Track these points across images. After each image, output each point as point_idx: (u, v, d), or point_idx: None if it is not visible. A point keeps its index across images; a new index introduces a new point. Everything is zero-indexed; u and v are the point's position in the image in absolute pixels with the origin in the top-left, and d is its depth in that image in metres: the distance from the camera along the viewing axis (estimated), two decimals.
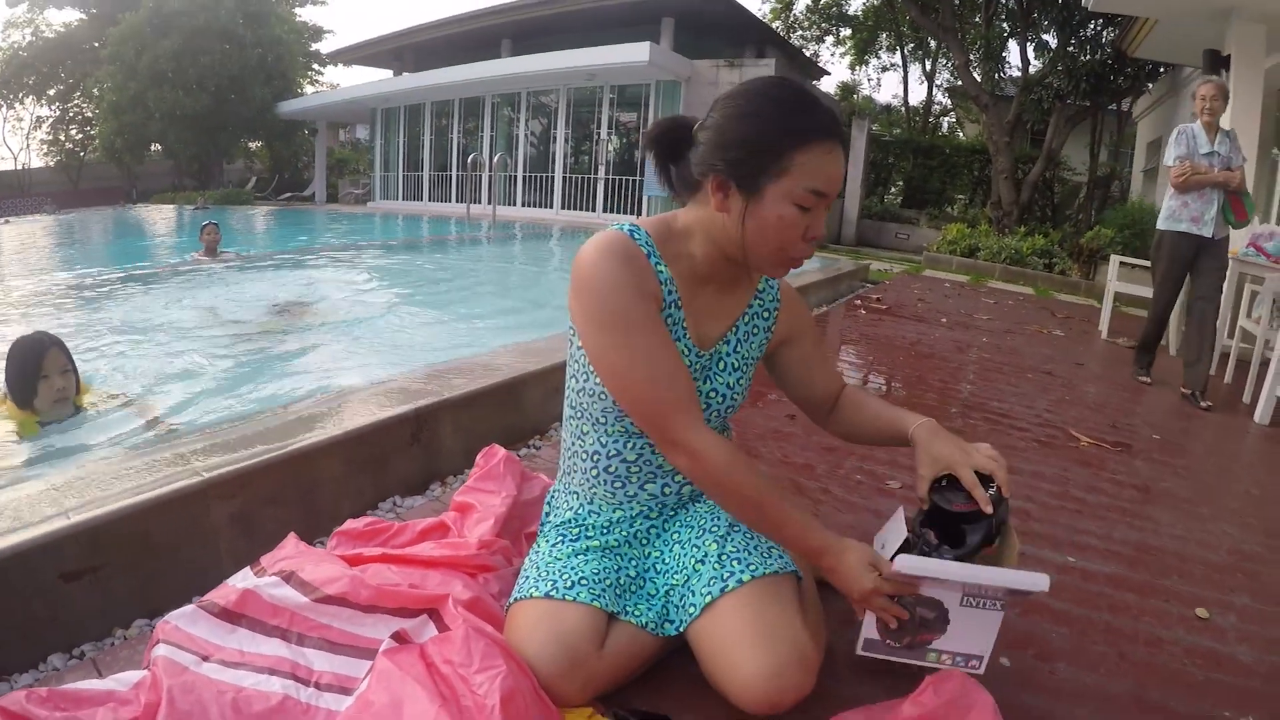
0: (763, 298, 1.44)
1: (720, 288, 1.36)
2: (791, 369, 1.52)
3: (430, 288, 6.73)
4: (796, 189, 1.14)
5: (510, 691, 1.02)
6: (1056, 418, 3.33)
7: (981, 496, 1.24)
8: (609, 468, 1.37)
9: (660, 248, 1.28)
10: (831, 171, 1.16)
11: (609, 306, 1.19)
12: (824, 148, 1.15)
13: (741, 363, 1.40)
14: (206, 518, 1.61)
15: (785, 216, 1.16)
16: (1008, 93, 14.78)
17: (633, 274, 1.21)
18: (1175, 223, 4.07)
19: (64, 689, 1.01)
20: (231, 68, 20.60)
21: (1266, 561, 2.08)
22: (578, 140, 16.12)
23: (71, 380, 2.64)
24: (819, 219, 1.19)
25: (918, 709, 1.20)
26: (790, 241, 1.18)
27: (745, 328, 1.41)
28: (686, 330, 1.31)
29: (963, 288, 8.22)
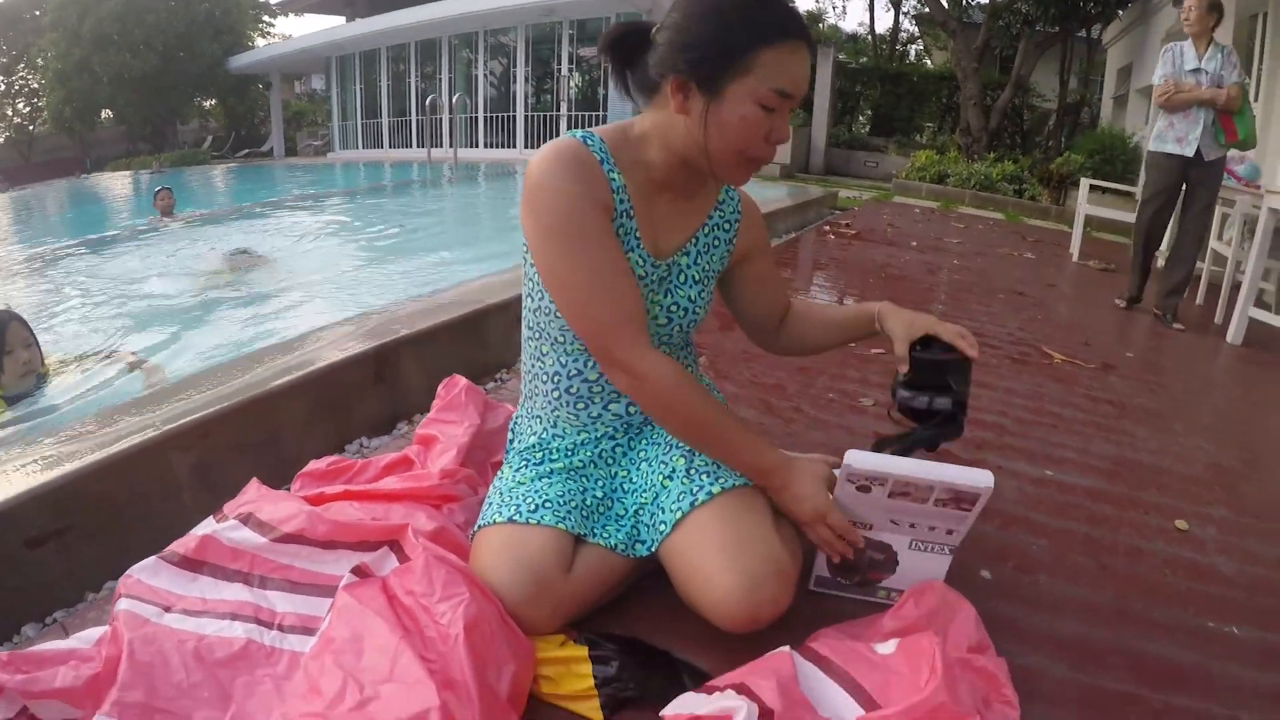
0: (723, 209, 1.39)
1: (678, 196, 1.31)
2: (746, 286, 1.47)
3: (392, 231, 6.61)
4: (760, 88, 1.10)
5: (474, 619, 0.98)
6: (1029, 336, 3.33)
7: (965, 344, 1.26)
8: (570, 389, 1.32)
9: (615, 154, 1.23)
10: (796, 71, 1.12)
11: (556, 216, 1.15)
12: (788, 47, 1.11)
13: (703, 275, 1.35)
14: (169, 471, 1.55)
15: (748, 117, 1.12)
16: (976, 19, 14.56)
17: (583, 182, 1.16)
18: (1161, 143, 3.95)
19: (25, 651, 0.97)
20: (178, 24, 19.84)
21: (1243, 476, 2.09)
22: (539, 79, 15.76)
23: (35, 353, 2.60)
24: (783, 120, 1.15)
25: (898, 621, 1.20)
26: (752, 143, 1.14)
27: (706, 239, 1.36)
28: (640, 240, 1.26)
29: (932, 213, 8.19)
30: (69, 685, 0.93)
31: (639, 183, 1.25)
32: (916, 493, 1.20)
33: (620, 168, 1.23)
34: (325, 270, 4.78)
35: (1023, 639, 1.28)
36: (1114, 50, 13.23)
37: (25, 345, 2.55)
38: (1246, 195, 4.06)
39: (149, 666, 0.96)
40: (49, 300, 4.11)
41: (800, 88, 1.13)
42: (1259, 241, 3.50)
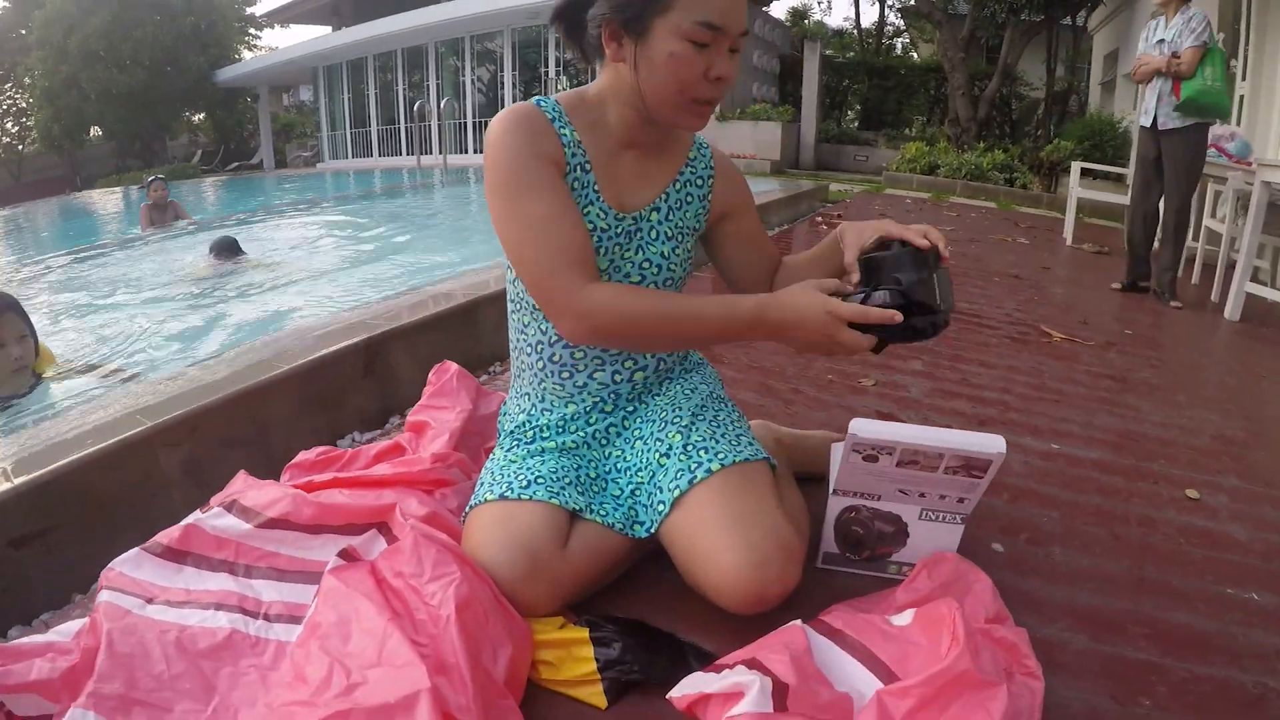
0: (694, 165, 1.35)
1: (644, 153, 1.28)
2: (733, 245, 1.41)
3: (383, 233, 6.57)
4: (684, 22, 1.08)
5: (466, 598, 0.94)
6: (1027, 316, 3.30)
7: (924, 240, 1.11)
8: (554, 356, 1.29)
9: (571, 115, 1.23)
10: (719, 4, 1.09)
11: (500, 171, 1.15)
12: None
13: (676, 231, 1.31)
14: (156, 467, 1.51)
15: (677, 53, 1.10)
16: (961, 10, 14.54)
17: (527, 138, 1.16)
18: (1137, 118, 3.96)
19: (1, 645, 0.92)
20: (165, 39, 19.73)
21: (1250, 445, 2.05)
22: (526, 83, 15.70)
23: (30, 347, 2.41)
24: (721, 58, 1.12)
25: (912, 594, 1.16)
26: (689, 82, 1.12)
27: (677, 195, 1.32)
28: (599, 194, 1.23)
29: (924, 204, 8.16)
30: (45, 678, 0.89)
31: (601, 141, 1.24)
32: (926, 461, 1.17)
33: (578, 127, 1.22)
34: (316, 270, 4.74)
35: (1040, 611, 1.24)
36: (1099, 36, 13.23)
37: (19, 338, 2.37)
38: (1238, 172, 4.03)
39: (128, 657, 0.92)
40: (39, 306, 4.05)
41: (729, 19, 1.10)
42: (1253, 217, 3.46)
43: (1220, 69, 3.64)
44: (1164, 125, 3.81)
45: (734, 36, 1.12)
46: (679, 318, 1.11)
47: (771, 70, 15.57)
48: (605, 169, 1.25)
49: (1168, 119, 3.78)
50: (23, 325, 2.38)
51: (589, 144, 1.23)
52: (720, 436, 1.25)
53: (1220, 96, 3.66)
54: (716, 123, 12.65)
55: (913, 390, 2.27)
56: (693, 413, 1.30)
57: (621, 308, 1.10)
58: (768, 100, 14.43)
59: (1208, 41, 3.62)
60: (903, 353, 2.60)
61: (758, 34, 14.61)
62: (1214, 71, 3.62)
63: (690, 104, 1.15)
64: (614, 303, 1.10)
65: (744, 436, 1.28)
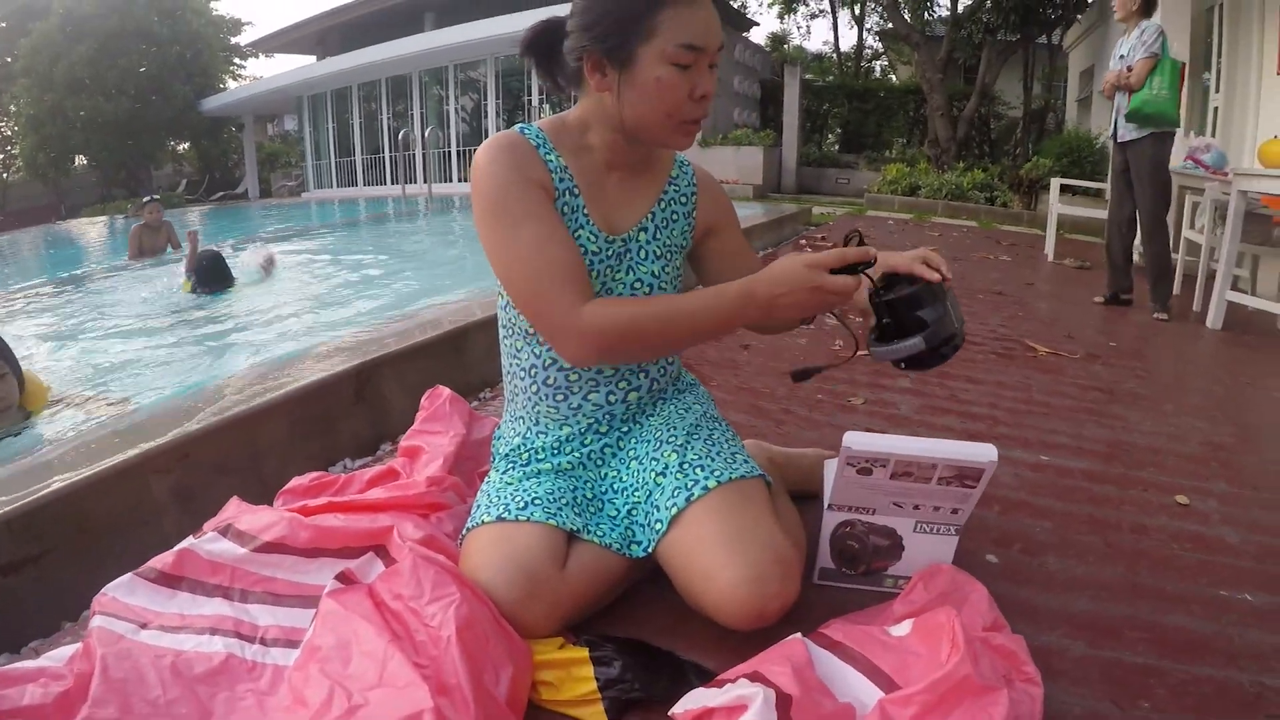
0: (678, 183, 1.37)
1: (628, 174, 1.30)
2: (718, 260, 1.43)
3: (370, 261, 6.59)
4: (668, 47, 1.11)
5: (467, 619, 0.94)
6: (1012, 332, 3.33)
7: (926, 270, 1.12)
8: (548, 380, 1.30)
9: (554, 140, 1.25)
10: (700, 23, 1.13)
11: (488, 197, 1.16)
12: (678, 7, 1.12)
13: (664, 250, 1.33)
14: (148, 494, 1.50)
15: (663, 78, 1.12)
16: (938, 32, 14.79)
17: (513, 164, 1.17)
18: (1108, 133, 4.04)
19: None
20: (150, 68, 19.86)
21: (1238, 450, 2.07)
22: (509, 111, 15.79)
23: (11, 385, 2.29)
24: (703, 76, 1.15)
25: (909, 606, 1.16)
26: (676, 104, 1.14)
27: (663, 214, 1.34)
28: (589, 217, 1.25)
29: (906, 224, 8.24)
30: (37, 703, 0.87)
31: (586, 165, 1.26)
32: (919, 472, 1.18)
33: (561, 152, 1.24)
34: (305, 296, 4.73)
35: (1036, 619, 1.25)
36: (1075, 54, 13.47)
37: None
38: (1215, 183, 4.09)
39: (123, 683, 0.90)
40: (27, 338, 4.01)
41: (709, 38, 1.13)
42: (1230, 226, 3.51)
43: (1169, 79, 3.71)
44: (1123, 137, 3.91)
45: (713, 54, 1.15)
46: (675, 315, 1.11)
47: (752, 95, 15.75)
48: (592, 192, 1.26)
49: (1126, 131, 3.89)
50: (1, 362, 2.27)
51: (575, 168, 1.24)
52: (716, 454, 1.26)
53: (1166, 105, 3.71)
54: (699, 148, 12.77)
55: (902, 407, 2.28)
56: (688, 431, 1.30)
57: (619, 319, 1.10)
58: (749, 125, 14.61)
59: (1158, 53, 3.71)
60: (891, 371, 2.60)
61: (738, 59, 14.80)
62: (1161, 81, 3.70)
63: (679, 125, 1.17)
64: (611, 316, 1.10)
65: (739, 454, 1.29)
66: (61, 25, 19.13)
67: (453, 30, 14.72)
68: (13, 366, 2.31)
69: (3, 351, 2.29)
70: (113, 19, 19.22)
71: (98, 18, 19.15)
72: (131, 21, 19.49)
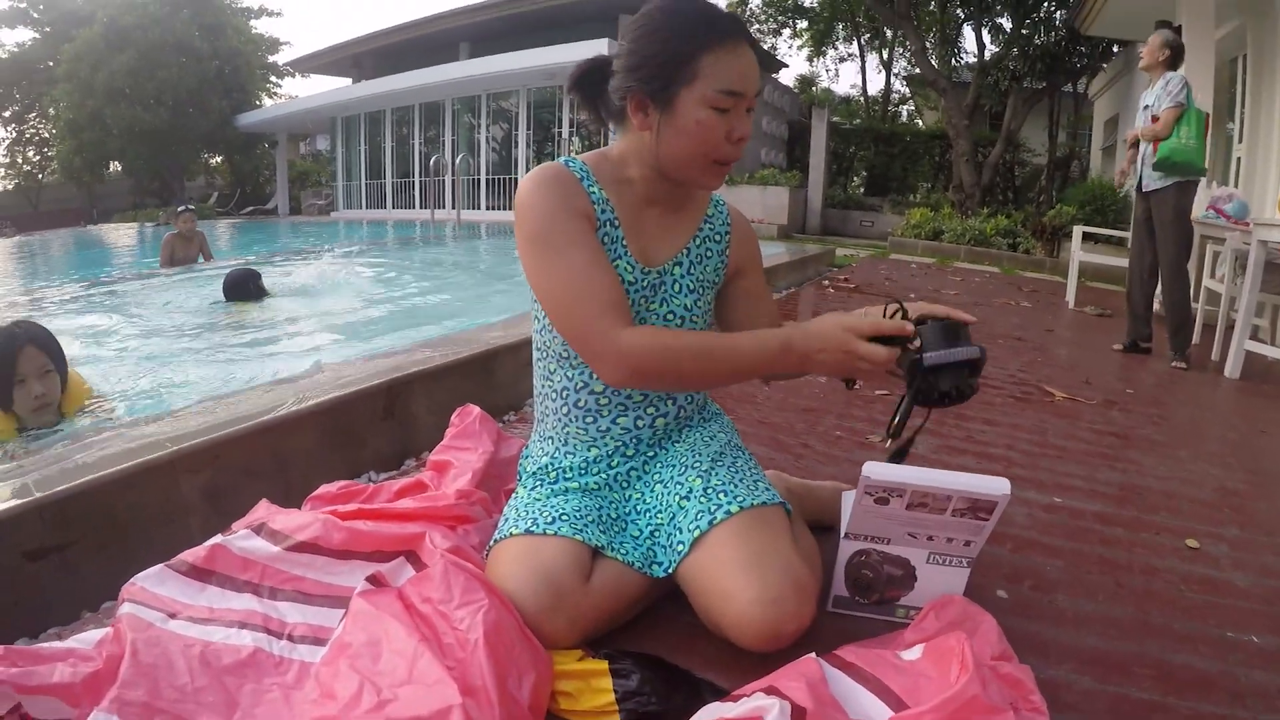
0: (713, 221, 1.43)
1: (666, 210, 1.36)
2: (740, 301, 1.47)
3: (398, 280, 6.67)
4: (709, 91, 1.17)
5: (494, 624, 0.97)
6: (1030, 376, 3.34)
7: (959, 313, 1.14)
8: (578, 402, 1.34)
9: (596, 174, 1.31)
10: (740, 69, 1.18)
11: (534, 226, 1.21)
12: (728, 47, 1.18)
13: (697, 284, 1.38)
14: (176, 492, 1.54)
15: (703, 121, 1.18)
16: (965, 78, 14.94)
17: (559, 194, 1.23)
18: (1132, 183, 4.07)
19: (21, 648, 0.95)
20: (189, 81, 20.32)
21: (1252, 496, 2.08)
22: (540, 143, 16.03)
23: (55, 383, 2.25)
24: (740, 119, 1.21)
25: (920, 634, 1.18)
26: (714, 145, 1.20)
27: (698, 250, 1.39)
28: (627, 248, 1.31)
29: (929, 268, 8.27)
30: (66, 681, 0.91)
31: (626, 199, 1.31)
32: (934, 503, 1.20)
33: (604, 185, 1.30)
34: (337, 313, 4.81)
35: (1046, 653, 1.26)
36: (1100, 103, 13.53)
37: (40, 374, 2.21)
38: (1236, 232, 4.10)
39: (152, 667, 0.94)
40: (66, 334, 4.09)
41: (748, 84, 1.19)
42: (1250, 275, 3.53)
43: (1196, 128, 3.73)
44: (1147, 186, 3.94)
45: (751, 98, 1.20)
46: (712, 351, 1.15)
47: (780, 136, 15.91)
48: (631, 225, 1.32)
49: (1150, 180, 3.91)
50: (45, 359, 2.23)
51: (615, 201, 1.30)
52: (739, 481, 1.29)
53: (1193, 155, 3.74)
54: (726, 186, 12.86)
55: (919, 447, 2.29)
56: (712, 458, 1.34)
57: (659, 348, 1.14)
58: (776, 165, 14.74)
59: (1183, 103, 3.74)
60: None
61: (767, 100, 14.96)
62: (1189, 130, 3.72)
63: (712, 165, 1.23)
64: (652, 343, 1.14)
65: (761, 482, 1.33)
66: (104, 34, 19.66)
67: (487, 60, 15.00)
68: (59, 365, 2.29)
69: (51, 349, 2.27)
70: (154, 31, 19.76)
71: (140, 29, 19.69)
72: (173, 35, 20.02)
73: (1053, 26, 12.46)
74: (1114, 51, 11.76)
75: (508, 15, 16.00)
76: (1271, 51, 5.73)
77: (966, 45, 16.00)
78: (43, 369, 2.23)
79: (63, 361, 2.30)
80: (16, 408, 2.21)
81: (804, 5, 20.20)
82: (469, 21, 16.89)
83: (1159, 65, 3.89)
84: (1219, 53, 5.99)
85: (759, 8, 20.55)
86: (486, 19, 16.50)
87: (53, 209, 24.52)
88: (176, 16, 20.28)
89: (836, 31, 21.30)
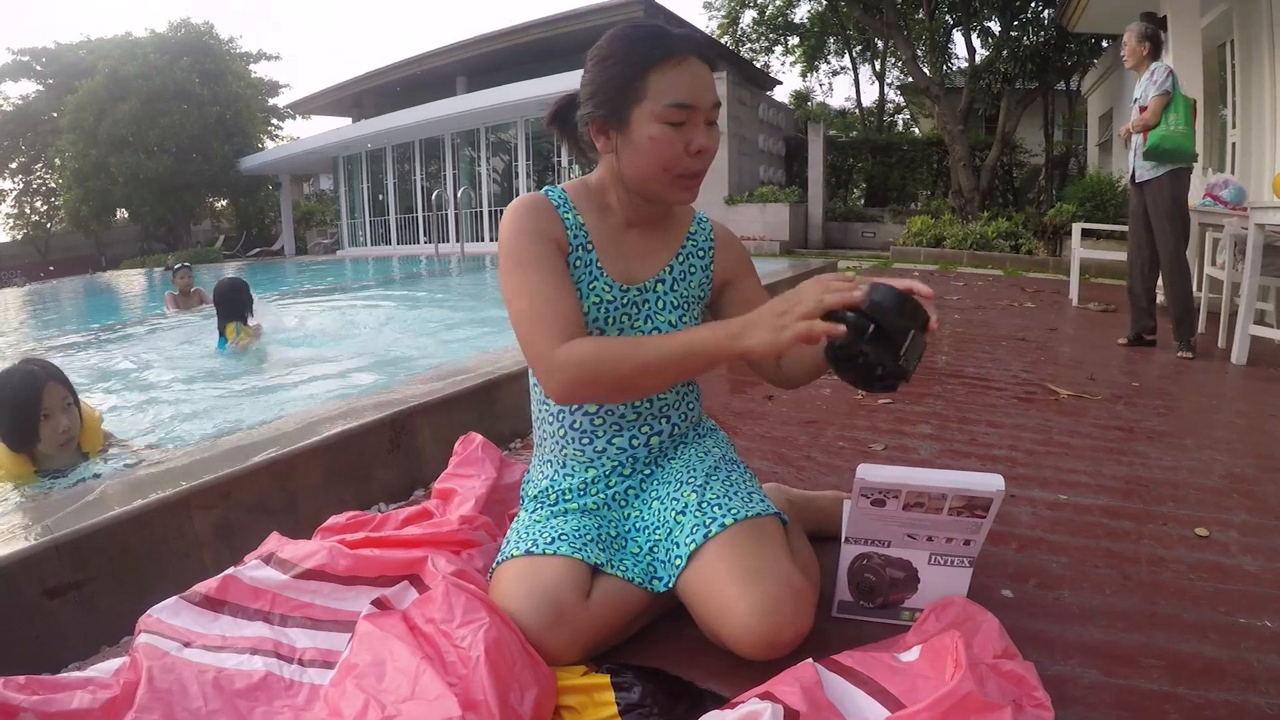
0: (695, 238, 1.46)
1: (647, 230, 1.40)
2: (737, 310, 1.43)
3: (404, 314, 6.74)
4: (658, 107, 1.19)
5: (495, 642, 0.99)
6: (1034, 376, 3.34)
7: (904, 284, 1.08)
8: (574, 424, 1.37)
9: (576, 201, 1.36)
10: (687, 82, 1.20)
11: (506, 250, 1.26)
12: (673, 63, 1.20)
13: (682, 301, 1.41)
14: (190, 528, 1.57)
15: (656, 136, 1.20)
16: (958, 84, 15.01)
17: (531, 220, 1.28)
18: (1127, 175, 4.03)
19: (42, 677, 0.98)
20: (191, 127, 20.70)
21: (1260, 481, 2.08)
22: (540, 173, 16.20)
23: (76, 416, 2.29)
24: (697, 131, 1.23)
25: (921, 636, 1.19)
26: (672, 160, 1.22)
27: (680, 267, 1.42)
28: (604, 269, 1.34)
29: (932, 275, 8.28)
30: (86, 707, 0.94)
31: (607, 223, 1.36)
32: (930, 503, 1.22)
33: (582, 211, 1.35)
34: (341, 348, 4.87)
35: (1051, 649, 1.27)
36: (1094, 99, 13.59)
37: (64, 407, 2.23)
38: (1234, 218, 4.09)
39: (167, 693, 0.97)
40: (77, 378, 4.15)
41: (697, 96, 1.21)
42: (1250, 260, 3.52)
43: (1184, 114, 3.74)
44: (1140, 177, 3.94)
45: (706, 110, 1.22)
46: (644, 342, 1.14)
47: (777, 153, 15.98)
48: (609, 247, 1.36)
49: (1143, 171, 3.91)
50: (65, 393, 2.26)
51: (592, 226, 1.35)
52: (733, 494, 1.31)
53: (1183, 140, 3.74)
54: (725, 206, 12.98)
55: (922, 452, 2.31)
56: (706, 473, 1.36)
57: (590, 356, 1.13)
58: (775, 182, 14.80)
59: (1169, 90, 3.75)
60: (912, 417, 2.66)
61: (762, 118, 15.05)
62: (1177, 117, 3.73)
63: (676, 179, 1.25)
64: (583, 353, 1.14)
65: (755, 494, 1.34)
66: (106, 84, 20.11)
67: (484, 94, 15.20)
68: (74, 395, 2.32)
69: (68, 383, 2.30)
70: (155, 79, 20.18)
71: (141, 78, 20.11)
72: (173, 82, 20.45)
73: (1041, 26, 12.53)
74: (1103, 47, 11.81)
75: (502, 48, 16.24)
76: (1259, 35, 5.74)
77: (957, 51, 16.14)
78: (65, 403, 2.24)
79: (75, 394, 2.32)
80: (43, 444, 2.21)
81: (794, 21, 20.40)
82: (465, 56, 17.14)
83: (1143, 60, 3.91)
84: (1206, 39, 6.00)
85: (749, 27, 20.80)
86: (482, 53, 16.75)
87: (61, 257, 24.94)
88: (176, 64, 20.69)
89: (828, 45, 21.50)
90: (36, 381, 2.18)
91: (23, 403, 2.15)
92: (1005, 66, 12.56)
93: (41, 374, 2.20)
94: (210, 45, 22.71)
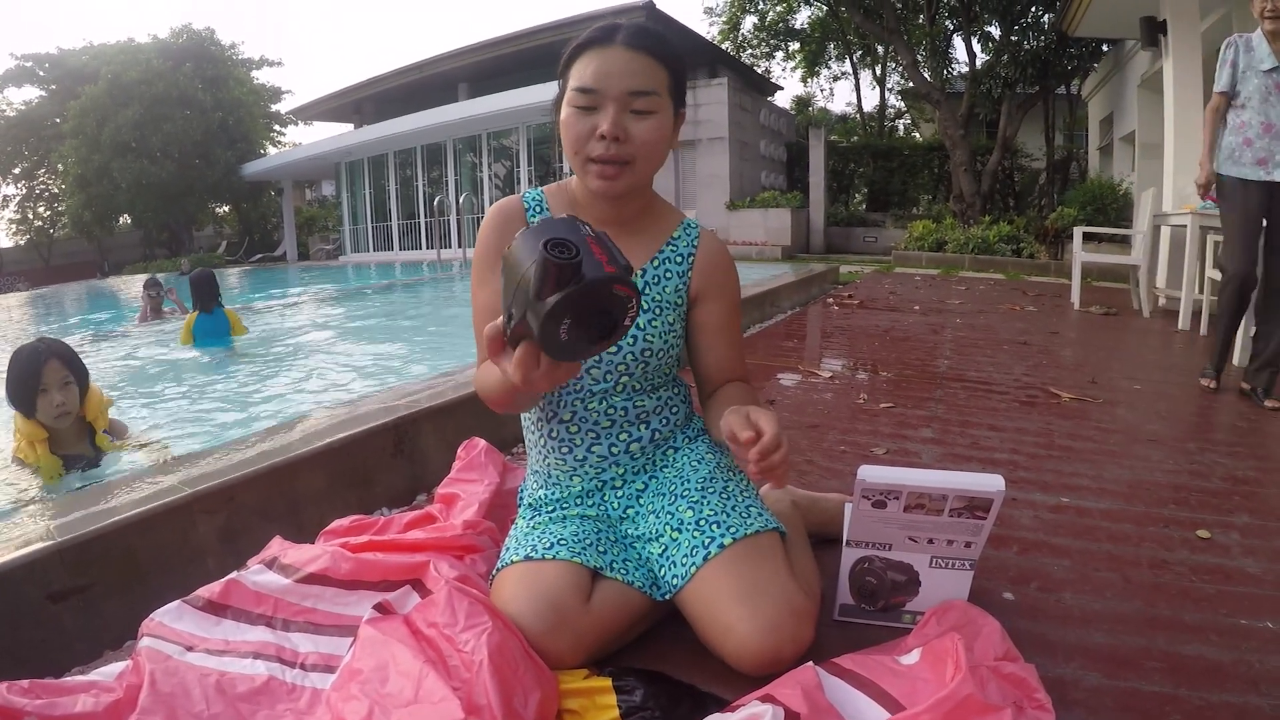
0: (676, 243, 1.42)
1: (623, 231, 1.36)
2: (694, 333, 1.42)
3: (405, 320, 6.75)
4: (569, 91, 1.24)
5: (498, 645, 0.99)
6: (1036, 380, 3.35)
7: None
8: (552, 432, 1.37)
9: (551, 202, 1.38)
10: (595, 67, 1.22)
11: (475, 258, 1.34)
12: (593, 51, 1.23)
13: (654, 304, 1.37)
14: (194, 533, 1.57)
15: (565, 120, 1.25)
16: (958, 88, 15.04)
17: (496, 228, 1.34)
18: (1236, 165, 3.02)
19: (45, 681, 0.99)
20: (194, 133, 20.76)
21: (1262, 483, 2.08)
22: (542, 178, 16.21)
23: (74, 394, 2.48)
24: (605, 116, 1.22)
25: (922, 639, 1.19)
26: (579, 142, 1.24)
27: (655, 271, 1.39)
28: None
29: (933, 279, 8.29)
30: (89, 711, 0.94)
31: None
32: (931, 504, 1.22)
33: (555, 211, 1.37)
34: (342, 353, 4.87)
35: (1052, 651, 1.27)
36: (1094, 103, 13.60)
37: (62, 384, 2.44)
38: None
39: (170, 696, 0.98)
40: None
41: (601, 80, 1.21)
42: None
43: None
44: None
45: (616, 97, 1.21)
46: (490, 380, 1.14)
47: (779, 158, 16.02)
48: None
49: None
50: (66, 372, 2.46)
51: None
52: (731, 509, 1.29)
53: None
54: (727, 211, 13.01)
55: (924, 456, 2.31)
56: (701, 485, 1.34)
57: (478, 376, 1.23)
58: (776, 188, 14.83)
59: None
60: (914, 421, 2.67)
61: (764, 124, 15.09)
62: None
63: (587, 163, 1.25)
64: (479, 372, 1.23)
65: (754, 507, 1.32)
66: (109, 90, 20.16)
67: (486, 100, 15.22)
68: (79, 378, 2.51)
69: (73, 363, 2.49)
70: (158, 85, 20.24)
71: (144, 84, 20.17)
72: (176, 88, 20.51)
73: (1041, 31, 12.57)
74: (1103, 51, 11.82)
75: (504, 54, 16.26)
76: None
77: (957, 55, 16.18)
78: (63, 380, 2.46)
79: (84, 375, 2.54)
80: (39, 415, 2.44)
81: (795, 27, 20.45)
82: (467, 62, 17.16)
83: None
84: (1206, 43, 6.00)
85: (750, 33, 20.85)
86: (484, 59, 16.76)
87: (64, 263, 24.98)
88: (179, 71, 20.76)
89: (828, 51, 21.55)
90: (39, 358, 2.41)
91: (25, 375, 2.40)
92: (1006, 71, 12.59)
93: (45, 351, 2.44)
94: (212, 51, 22.80)
